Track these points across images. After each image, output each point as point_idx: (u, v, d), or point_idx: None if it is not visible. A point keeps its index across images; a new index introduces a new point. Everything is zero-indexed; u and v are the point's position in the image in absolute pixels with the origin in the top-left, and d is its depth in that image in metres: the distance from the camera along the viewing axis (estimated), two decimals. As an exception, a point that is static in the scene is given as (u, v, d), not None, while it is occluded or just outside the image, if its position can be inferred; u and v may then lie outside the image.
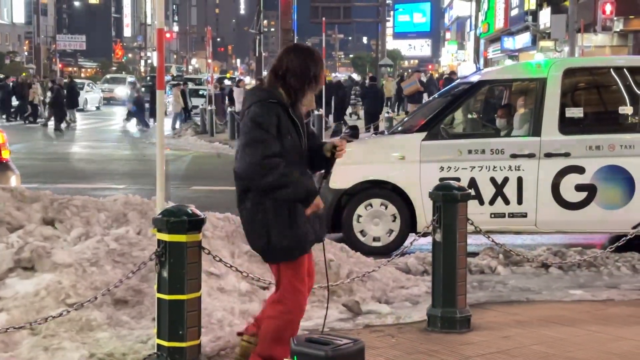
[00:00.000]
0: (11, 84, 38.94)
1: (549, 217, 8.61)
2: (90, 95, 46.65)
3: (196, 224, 4.49)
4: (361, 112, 30.37)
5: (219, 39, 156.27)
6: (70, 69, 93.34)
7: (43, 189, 7.03)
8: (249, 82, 38.27)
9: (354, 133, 8.97)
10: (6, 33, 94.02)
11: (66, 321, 5.17)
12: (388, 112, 26.28)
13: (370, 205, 8.80)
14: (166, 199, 5.33)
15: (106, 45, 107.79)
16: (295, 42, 32.68)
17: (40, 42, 76.10)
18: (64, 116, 31.68)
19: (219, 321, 5.51)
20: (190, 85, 42.00)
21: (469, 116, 10.36)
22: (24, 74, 47.82)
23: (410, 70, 36.46)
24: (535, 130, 8.67)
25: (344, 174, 8.76)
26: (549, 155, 8.57)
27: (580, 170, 8.55)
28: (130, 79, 51.44)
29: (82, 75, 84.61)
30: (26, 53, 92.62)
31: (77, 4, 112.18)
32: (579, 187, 8.55)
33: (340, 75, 61.53)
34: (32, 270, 5.63)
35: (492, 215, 8.58)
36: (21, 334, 5.04)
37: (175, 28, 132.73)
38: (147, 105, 33.89)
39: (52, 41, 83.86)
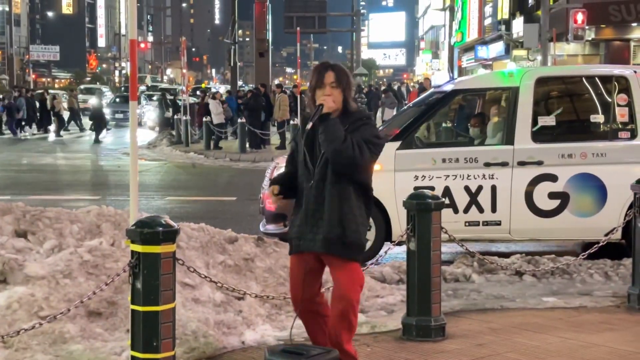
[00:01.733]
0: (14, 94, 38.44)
1: (523, 225, 8.66)
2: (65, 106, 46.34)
3: (170, 235, 4.48)
4: None
5: (193, 49, 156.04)
6: (43, 79, 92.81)
7: (15, 201, 6.98)
8: (224, 92, 38.16)
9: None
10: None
11: (39, 334, 5.13)
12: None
13: (345, 214, 8.79)
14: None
15: (80, 55, 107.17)
16: (270, 51, 32.78)
17: (14, 53, 75.64)
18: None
19: (193, 332, 5.49)
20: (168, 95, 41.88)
21: (443, 125, 10.41)
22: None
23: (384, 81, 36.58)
24: (509, 139, 8.73)
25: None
26: (522, 163, 8.63)
27: (553, 178, 8.61)
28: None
29: (56, 86, 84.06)
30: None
31: (50, 14, 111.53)
32: (552, 195, 8.61)
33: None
34: (4, 283, 5.58)
35: (467, 224, 8.62)
36: (-7, 347, 5.00)
37: (150, 38, 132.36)
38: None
39: (25, 52, 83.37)
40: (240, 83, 44.75)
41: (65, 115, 36.72)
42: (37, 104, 36.87)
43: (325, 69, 4.61)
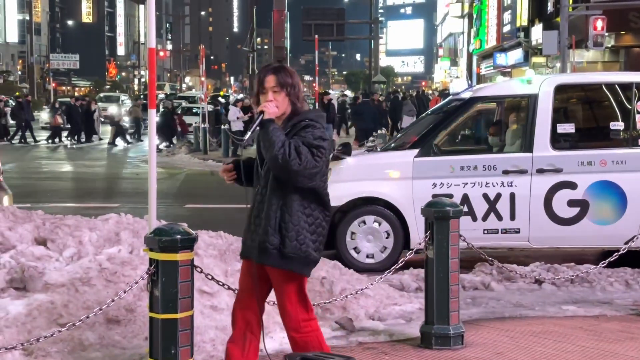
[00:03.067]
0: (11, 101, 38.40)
1: (542, 232, 8.62)
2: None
3: (188, 243, 4.49)
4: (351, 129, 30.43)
5: (212, 57, 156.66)
6: (63, 88, 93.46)
7: (35, 209, 7.02)
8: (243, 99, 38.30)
9: (346, 150, 9.02)
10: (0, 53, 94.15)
11: (58, 341, 5.15)
12: (382, 129, 26.33)
13: (364, 222, 8.80)
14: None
15: (100, 64, 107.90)
16: (288, 59, 32.86)
17: (34, 62, 76.23)
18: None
19: (211, 340, 5.50)
20: (184, 103, 42.04)
21: (462, 133, 10.39)
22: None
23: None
24: (527, 146, 8.70)
25: (337, 191, 8.76)
26: (541, 171, 8.59)
27: (572, 185, 8.57)
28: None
29: (76, 94, 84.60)
30: (20, 72, 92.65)
31: (70, 23, 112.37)
32: (572, 203, 8.57)
33: (333, 92, 61.69)
34: (24, 291, 5.61)
35: (485, 232, 8.59)
36: (13, 354, 5.03)
37: (169, 46, 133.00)
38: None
39: (45, 60, 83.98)
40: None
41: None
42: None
43: (266, 73, 4.35)
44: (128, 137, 33.83)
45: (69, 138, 34.18)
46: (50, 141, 33.40)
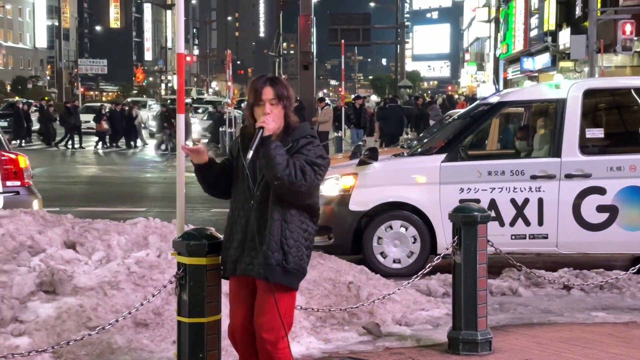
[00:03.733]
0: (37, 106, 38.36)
1: (570, 238, 8.56)
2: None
3: (216, 247, 4.50)
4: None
5: (238, 62, 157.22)
6: (91, 92, 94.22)
7: (64, 213, 7.08)
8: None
9: (372, 155, 9.01)
10: (29, 58, 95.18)
11: (87, 344, 5.19)
12: (408, 134, 26.29)
13: (391, 227, 8.79)
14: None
15: (127, 69, 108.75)
16: (314, 64, 32.89)
17: (62, 67, 76.93)
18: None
19: (239, 344, 5.51)
20: (210, 108, 42.20)
21: (489, 137, 10.34)
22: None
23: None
24: (556, 151, 8.64)
25: (364, 196, 8.77)
26: (569, 176, 8.54)
27: (601, 191, 8.50)
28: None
29: (104, 99, 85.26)
30: (48, 77, 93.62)
31: (98, 28, 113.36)
32: (600, 208, 8.50)
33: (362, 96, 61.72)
34: (54, 294, 5.66)
35: (513, 237, 8.54)
36: (43, 357, 5.07)
37: (196, 51, 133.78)
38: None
39: (73, 65, 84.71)
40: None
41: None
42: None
43: (263, 85, 4.20)
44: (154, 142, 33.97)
45: (114, 144, 34.17)
46: (97, 146, 33.42)
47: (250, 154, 4.12)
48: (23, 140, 34.60)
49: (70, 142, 33.48)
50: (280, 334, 4.21)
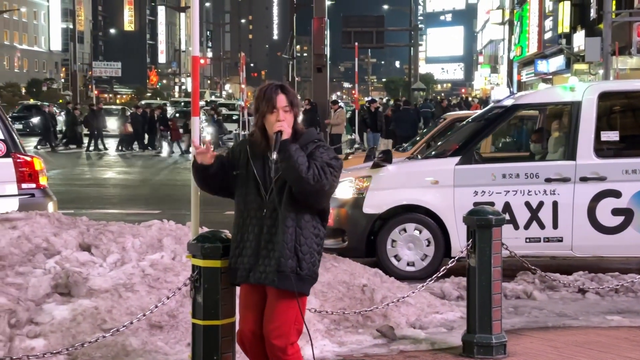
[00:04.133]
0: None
1: (586, 241, 8.52)
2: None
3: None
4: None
5: (252, 64, 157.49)
6: (105, 95, 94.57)
7: (79, 215, 7.11)
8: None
9: (386, 158, 9.00)
10: (43, 60, 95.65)
11: (102, 346, 5.21)
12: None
13: (404, 230, 8.78)
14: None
15: (141, 71, 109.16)
16: (328, 66, 32.92)
17: (77, 69, 77.19)
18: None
19: (253, 347, 5.51)
20: (224, 110, 42.32)
21: (503, 140, 10.31)
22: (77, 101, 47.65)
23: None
24: (570, 154, 8.61)
25: (378, 199, 8.76)
26: (584, 179, 8.50)
27: (616, 194, 8.47)
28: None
29: (117, 101, 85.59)
30: (63, 80, 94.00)
31: (112, 31, 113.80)
32: (616, 211, 8.46)
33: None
34: (69, 296, 5.68)
35: (527, 240, 8.52)
36: (58, 359, 5.09)
37: (209, 54, 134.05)
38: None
39: (88, 68, 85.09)
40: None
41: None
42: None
43: (276, 92, 4.23)
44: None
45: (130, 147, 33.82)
46: (121, 149, 33.18)
47: (274, 155, 4.14)
48: (52, 144, 34.15)
49: (96, 145, 33.12)
50: (289, 339, 4.21)
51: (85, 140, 34.51)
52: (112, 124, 37.32)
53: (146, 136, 34.25)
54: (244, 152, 4.36)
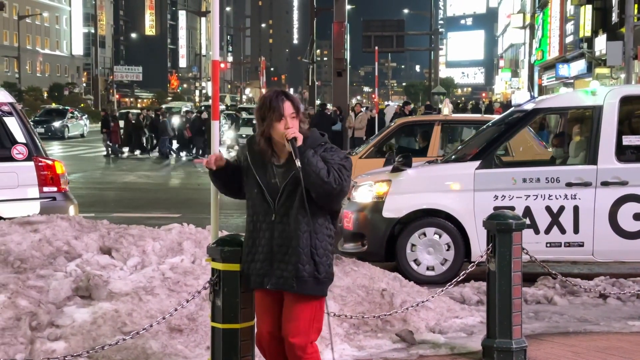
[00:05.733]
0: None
1: (607, 246, 8.47)
2: (73, 123, 46.64)
3: (250, 253, 4.50)
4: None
5: (272, 69, 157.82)
6: (127, 99, 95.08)
7: (100, 218, 7.15)
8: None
9: (406, 162, 8.98)
10: (65, 65, 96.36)
11: (122, 349, 5.23)
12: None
13: (424, 234, 8.76)
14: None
15: (162, 75, 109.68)
16: (348, 71, 32.93)
17: (98, 74, 77.74)
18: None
19: (272, 350, 5.51)
20: (244, 115, 42.41)
21: (523, 144, 10.26)
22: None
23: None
24: (592, 159, 8.56)
25: (398, 203, 8.75)
26: (605, 183, 8.45)
27: (638, 198, 8.40)
28: (185, 107, 51.89)
29: (138, 105, 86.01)
30: (84, 84, 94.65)
31: (134, 36, 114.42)
32: (637, 216, 8.40)
33: (392, 103, 61.65)
34: (89, 299, 5.71)
35: (548, 245, 8.47)
36: (78, 361, 5.11)
37: (230, 58, 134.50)
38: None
39: (109, 72, 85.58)
40: (318, 102, 45.03)
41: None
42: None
43: (282, 101, 4.24)
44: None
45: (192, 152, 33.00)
46: (185, 153, 32.83)
47: (298, 162, 4.14)
48: (138, 151, 33.65)
49: (167, 149, 32.59)
50: (309, 338, 4.23)
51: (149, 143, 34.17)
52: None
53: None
54: (244, 159, 4.39)
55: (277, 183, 4.24)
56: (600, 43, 35.13)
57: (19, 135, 8.45)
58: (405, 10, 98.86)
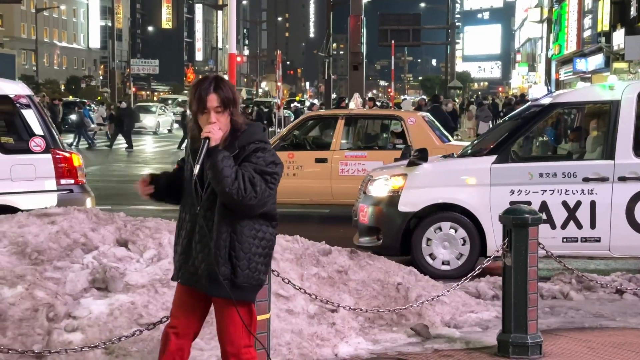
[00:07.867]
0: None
1: (624, 241, 8.43)
2: (162, 118, 47.48)
3: (266, 247, 4.51)
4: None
5: (288, 62, 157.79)
6: (143, 92, 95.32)
7: (117, 211, 7.18)
8: (317, 104, 38.57)
9: (422, 156, 8.97)
10: (82, 58, 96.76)
11: (139, 341, 5.26)
12: (457, 135, 26.11)
13: (440, 228, 8.75)
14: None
15: (178, 69, 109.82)
16: (364, 64, 32.88)
17: (115, 67, 77.95)
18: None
19: (287, 343, 5.54)
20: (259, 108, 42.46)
21: (540, 139, 10.22)
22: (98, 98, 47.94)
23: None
24: (609, 154, 8.52)
25: (414, 197, 8.74)
26: (623, 178, 8.41)
27: (656, 194, 8.35)
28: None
29: (155, 98, 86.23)
30: (101, 77, 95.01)
31: (150, 29, 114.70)
32: (655, 212, 8.36)
33: (409, 97, 61.57)
34: (106, 291, 5.75)
35: (564, 240, 8.45)
36: (95, 353, 5.15)
37: (246, 52, 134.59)
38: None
39: (126, 65, 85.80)
40: (334, 96, 44.98)
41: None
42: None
43: (207, 92, 3.87)
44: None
45: None
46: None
47: (196, 169, 3.86)
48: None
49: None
50: (242, 343, 4.00)
51: None
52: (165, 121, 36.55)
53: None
54: (187, 148, 4.14)
55: (206, 176, 3.91)
56: (619, 37, 34.91)
57: (36, 127, 8.49)
58: (422, 4, 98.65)
